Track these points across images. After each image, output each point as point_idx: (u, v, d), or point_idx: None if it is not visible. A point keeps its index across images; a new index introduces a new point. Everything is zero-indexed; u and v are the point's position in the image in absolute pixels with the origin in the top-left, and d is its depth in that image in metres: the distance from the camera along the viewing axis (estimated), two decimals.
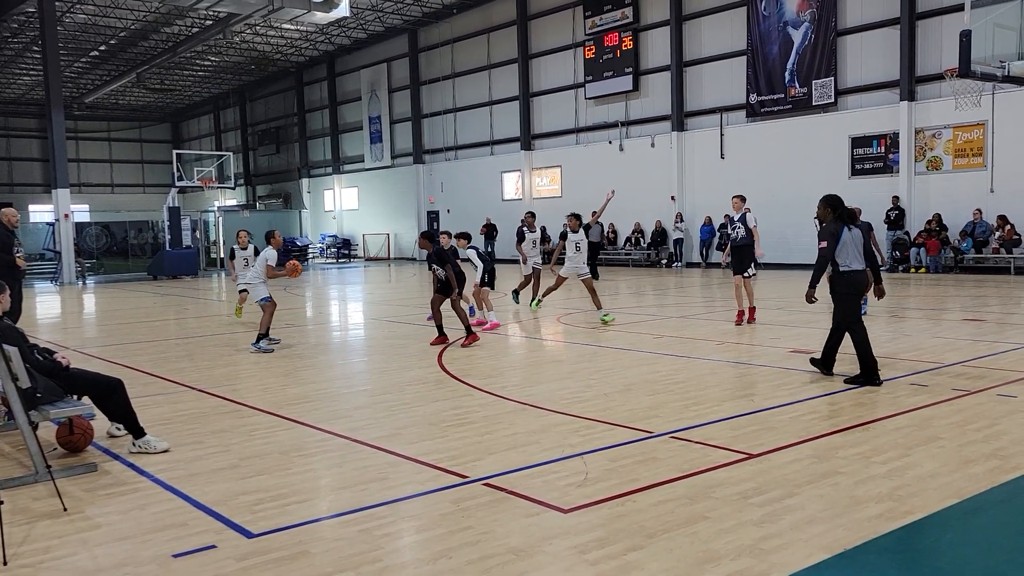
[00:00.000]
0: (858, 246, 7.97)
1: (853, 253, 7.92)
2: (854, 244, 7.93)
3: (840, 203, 8.09)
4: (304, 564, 4.02)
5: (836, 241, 7.89)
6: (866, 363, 7.80)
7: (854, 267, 7.92)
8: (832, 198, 8.16)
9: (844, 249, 7.90)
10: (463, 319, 11.18)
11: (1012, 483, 5.00)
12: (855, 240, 7.95)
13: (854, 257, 7.92)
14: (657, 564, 3.91)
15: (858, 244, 7.97)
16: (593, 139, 31.43)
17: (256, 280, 11.64)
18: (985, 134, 21.43)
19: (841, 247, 7.89)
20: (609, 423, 6.67)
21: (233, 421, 7.15)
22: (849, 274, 7.94)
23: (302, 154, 47.46)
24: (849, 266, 7.92)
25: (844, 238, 7.89)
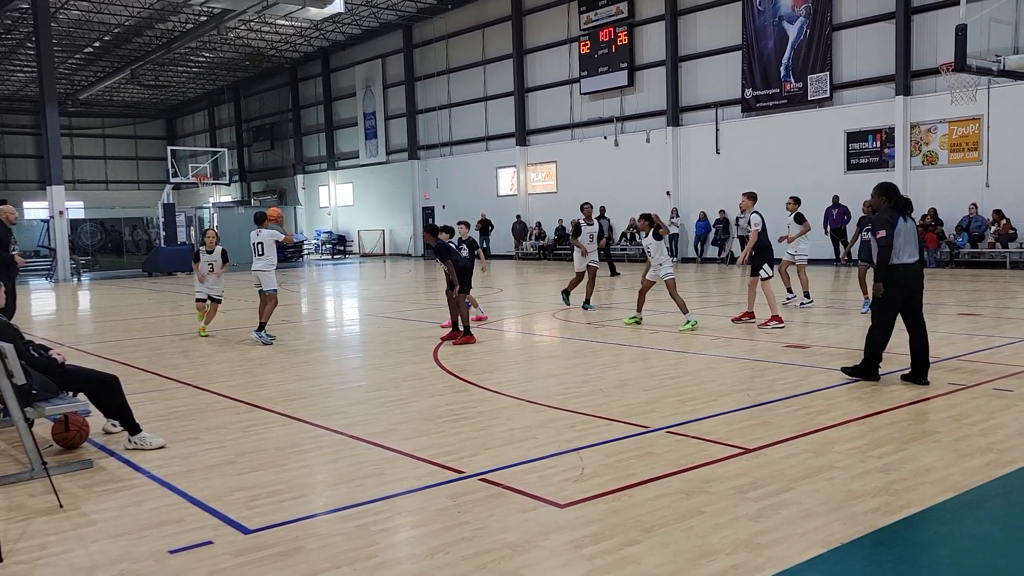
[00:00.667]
0: (913, 238, 7.49)
1: (907, 244, 7.40)
2: (908, 235, 7.44)
3: (895, 191, 7.61)
4: (300, 560, 4.01)
5: (893, 229, 7.36)
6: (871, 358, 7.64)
7: (905, 260, 7.39)
8: (887, 186, 7.68)
9: (898, 240, 7.37)
10: (462, 317, 11.01)
11: (1008, 477, 5.00)
12: (909, 232, 7.47)
13: (907, 249, 7.40)
14: (653, 559, 3.91)
15: (912, 236, 7.50)
16: (588, 134, 31.41)
17: (268, 268, 11.72)
18: (981, 128, 21.46)
19: (895, 238, 7.37)
20: (605, 418, 6.67)
21: (229, 417, 7.14)
22: (900, 268, 7.37)
23: (297, 150, 47.38)
24: (900, 259, 7.38)
25: (899, 228, 7.38)
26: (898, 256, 7.35)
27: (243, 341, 11.81)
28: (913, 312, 7.54)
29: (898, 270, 7.35)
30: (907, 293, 7.43)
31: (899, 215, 7.44)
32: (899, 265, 7.35)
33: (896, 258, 7.33)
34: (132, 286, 25.05)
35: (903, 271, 7.38)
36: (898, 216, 7.43)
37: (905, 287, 7.40)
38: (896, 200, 7.51)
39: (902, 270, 7.37)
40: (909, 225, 7.47)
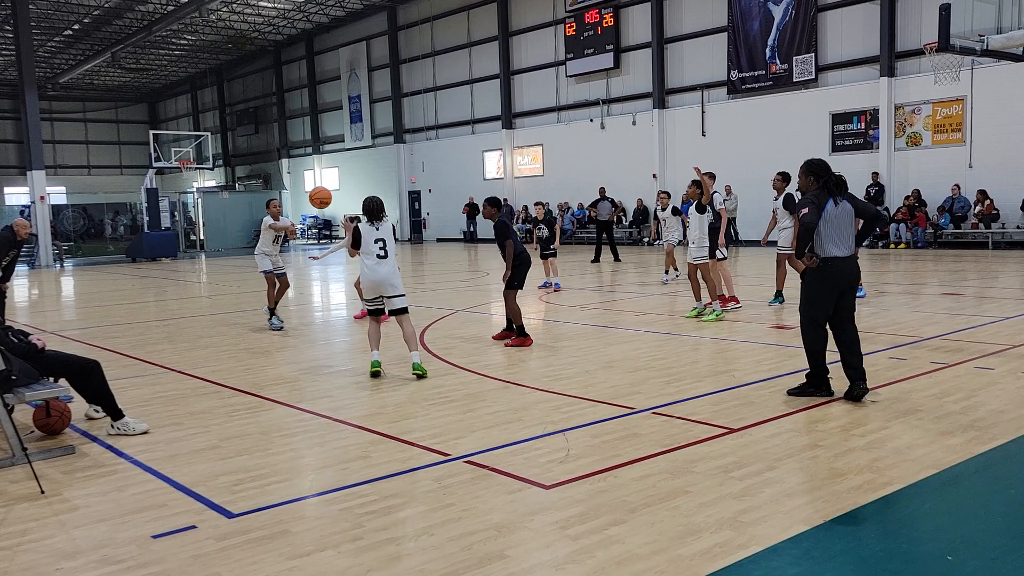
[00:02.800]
0: (844, 226, 6.29)
1: (835, 234, 6.24)
2: (838, 222, 6.25)
3: (826, 169, 6.41)
4: (284, 543, 4.01)
5: (819, 212, 6.22)
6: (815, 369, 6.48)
7: (833, 252, 6.23)
8: (814, 164, 6.48)
9: (824, 227, 6.21)
10: (514, 315, 9.44)
11: (988, 453, 5.05)
12: (841, 217, 6.26)
13: (836, 239, 6.24)
14: (639, 538, 3.93)
15: (845, 223, 6.29)
16: (574, 117, 31.31)
17: (258, 251, 11.73)
18: (964, 109, 21.53)
19: (821, 224, 6.21)
20: (591, 400, 6.68)
21: (213, 402, 7.11)
22: (828, 262, 6.24)
23: (281, 134, 47.03)
24: (826, 250, 6.23)
25: (827, 213, 6.23)
26: (823, 248, 6.23)
27: (233, 325, 11.75)
28: (846, 307, 6.39)
29: (827, 263, 6.24)
30: (837, 289, 6.30)
31: (829, 198, 6.30)
32: (826, 259, 6.24)
33: (821, 250, 6.24)
34: (115, 272, 24.87)
35: (830, 266, 6.24)
36: (828, 199, 6.29)
37: (834, 283, 6.27)
38: (826, 180, 6.37)
39: (829, 265, 6.24)
40: (841, 210, 6.29)
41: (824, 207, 6.25)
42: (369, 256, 7.86)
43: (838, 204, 6.30)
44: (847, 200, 6.36)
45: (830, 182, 6.34)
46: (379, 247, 7.86)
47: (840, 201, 6.32)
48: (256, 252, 11.83)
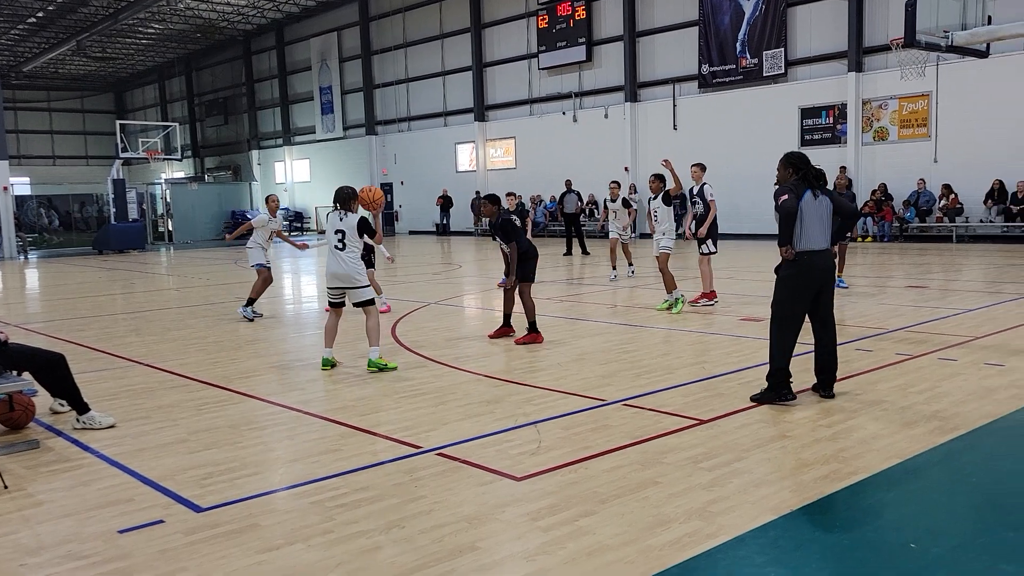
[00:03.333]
0: (822, 219, 6.14)
1: (812, 227, 6.08)
2: (816, 215, 6.12)
3: (805, 162, 6.27)
4: (254, 536, 3.98)
5: (797, 200, 6.08)
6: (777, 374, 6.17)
7: (810, 246, 6.07)
8: (794, 156, 6.35)
9: (801, 219, 6.07)
10: (528, 310, 9.04)
11: (951, 443, 5.14)
12: (819, 211, 6.13)
13: (812, 233, 6.08)
14: (609, 529, 3.95)
15: (823, 217, 6.14)
16: (547, 110, 31.33)
17: (252, 244, 11.75)
18: (929, 105, 21.84)
19: (802, 219, 6.07)
20: (563, 392, 6.71)
21: (181, 395, 7.03)
22: (805, 255, 6.08)
23: (251, 125, 46.54)
24: (802, 243, 6.08)
25: (805, 203, 6.09)
26: (800, 240, 6.09)
27: (202, 318, 11.63)
28: (824, 307, 6.24)
29: (803, 257, 6.09)
30: (815, 285, 6.15)
31: (807, 189, 6.17)
32: (804, 252, 6.09)
33: (798, 243, 6.09)
34: (81, 264, 24.49)
35: (806, 260, 6.09)
36: (806, 190, 6.16)
37: (811, 278, 6.11)
38: (805, 172, 6.23)
39: (807, 257, 6.09)
40: (820, 203, 6.17)
41: (802, 197, 6.12)
42: (329, 245, 7.76)
43: (817, 197, 6.17)
44: (826, 195, 6.24)
45: (809, 174, 6.22)
46: (337, 238, 7.69)
47: (819, 195, 6.19)
48: (249, 245, 11.81)
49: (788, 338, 6.14)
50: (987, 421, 5.55)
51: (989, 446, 5.15)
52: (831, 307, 6.29)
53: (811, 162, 6.31)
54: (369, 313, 7.87)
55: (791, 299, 6.15)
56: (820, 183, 6.25)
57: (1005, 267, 15.32)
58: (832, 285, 6.33)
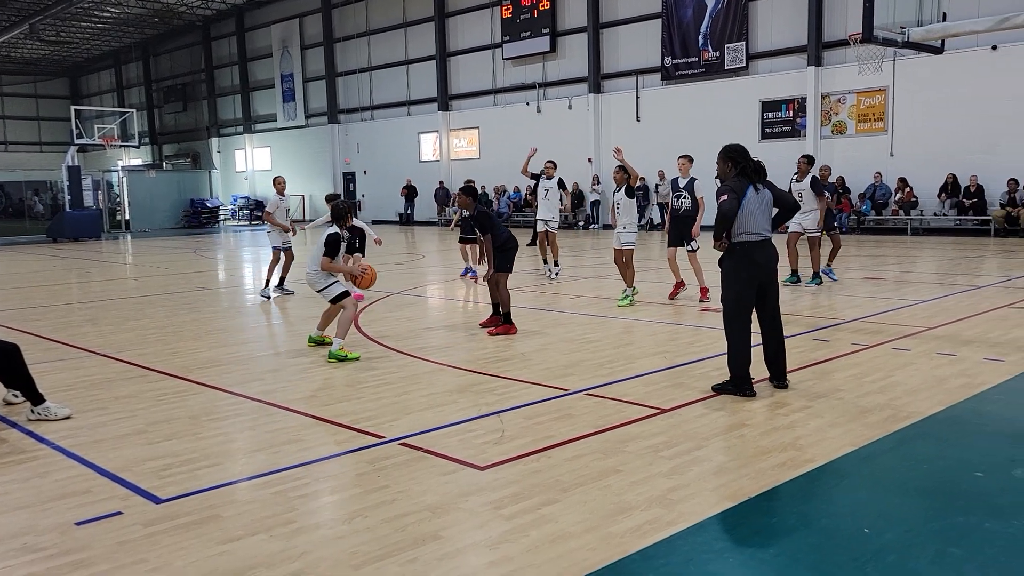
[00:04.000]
0: (762, 212, 6.17)
1: (752, 220, 6.10)
2: (757, 209, 6.13)
3: (743, 155, 6.23)
4: (214, 528, 3.95)
5: (739, 199, 6.09)
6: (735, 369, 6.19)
7: (750, 237, 6.11)
8: (732, 150, 6.28)
9: (742, 214, 6.09)
10: (503, 301, 9.05)
11: (904, 431, 5.27)
12: (760, 204, 6.16)
13: (752, 226, 6.10)
14: (571, 517, 3.99)
15: (763, 209, 6.18)
16: (511, 100, 31.30)
17: (270, 228, 12.50)
18: (886, 99, 22.23)
19: (740, 210, 6.09)
20: (526, 382, 6.74)
21: (139, 386, 6.94)
22: (746, 245, 6.12)
23: (211, 112, 45.83)
24: (743, 236, 6.12)
25: (747, 200, 6.11)
26: (740, 234, 6.13)
27: (160, 307, 11.46)
28: (768, 304, 6.26)
29: (744, 247, 6.13)
30: (757, 274, 6.16)
31: (749, 185, 6.17)
32: (743, 244, 6.13)
33: (737, 234, 6.14)
34: (35, 252, 23.95)
35: (747, 252, 6.13)
36: (748, 186, 6.16)
37: (752, 268, 6.14)
38: (744, 166, 6.22)
39: (747, 248, 6.13)
40: (761, 196, 6.19)
41: (744, 194, 6.11)
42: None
43: (758, 191, 6.19)
44: (767, 188, 6.27)
45: (748, 168, 6.20)
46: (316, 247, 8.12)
47: (760, 188, 6.21)
48: (268, 230, 12.58)
49: (741, 336, 6.14)
50: (938, 409, 5.70)
51: (940, 434, 5.29)
52: (777, 302, 6.30)
53: (750, 155, 6.28)
54: (345, 306, 7.96)
55: (735, 290, 6.18)
56: (759, 176, 6.24)
57: (957, 259, 15.68)
58: (776, 279, 6.32)
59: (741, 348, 6.15)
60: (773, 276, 6.27)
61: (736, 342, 6.16)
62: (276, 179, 12.67)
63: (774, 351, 6.33)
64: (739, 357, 6.15)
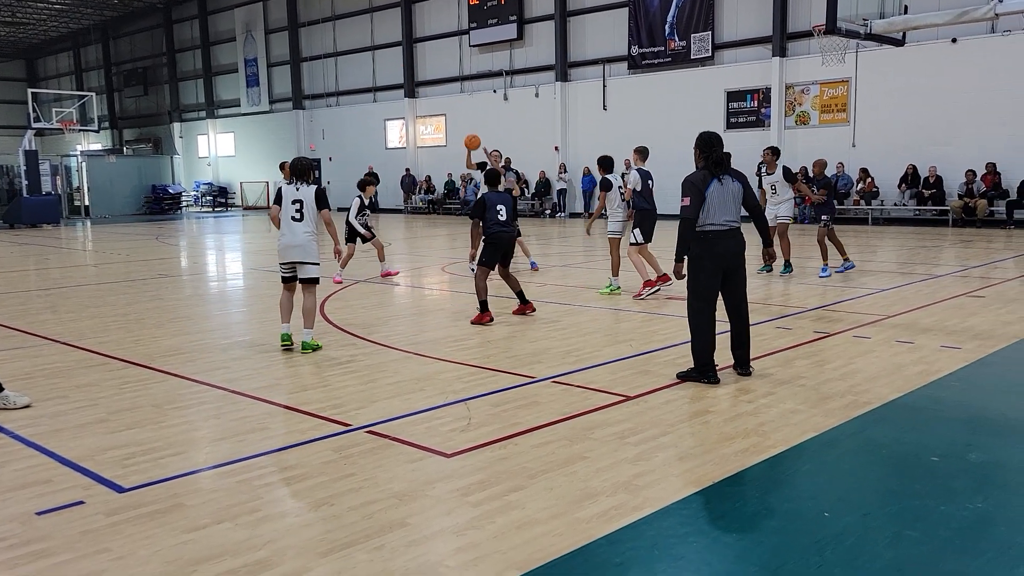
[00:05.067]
0: (728, 202, 6.18)
1: (716, 211, 6.13)
2: (721, 199, 6.15)
3: (713, 143, 6.21)
4: (179, 516, 3.92)
5: (700, 197, 6.12)
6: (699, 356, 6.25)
7: (714, 227, 6.15)
8: (702, 137, 6.30)
9: (706, 206, 6.13)
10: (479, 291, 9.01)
11: (863, 417, 5.38)
12: (725, 195, 6.17)
13: (715, 216, 6.13)
14: (537, 503, 4.02)
15: (729, 200, 6.18)
16: (478, 88, 31.20)
17: None
18: (849, 91, 22.53)
19: (705, 201, 6.13)
20: (493, 369, 6.76)
21: (101, 374, 6.84)
22: (711, 233, 6.15)
23: (172, 97, 45.06)
24: (708, 226, 6.15)
25: (710, 193, 6.13)
26: (704, 221, 6.16)
27: (122, 294, 11.29)
28: (734, 292, 6.34)
29: (709, 235, 6.16)
30: (721, 264, 6.21)
31: (713, 178, 6.19)
32: (708, 232, 6.16)
33: (702, 223, 6.17)
34: None
35: (711, 240, 6.16)
36: (712, 180, 6.18)
37: (715, 255, 6.18)
38: (708, 156, 6.22)
39: (711, 237, 6.16)
40: (727, 188, 6.19)
41: (706, 189, 6.13)
42: (286, 217, 7.56)
43: (723, 182, 6.17)
44: (738, 180, 6.27)
45: (711, 159, 6.19)
46: (295, 208, 7.51)
47: (725, 179, 6.20)
48: None
49: (705, 324, 6.19)
50: (897, 396, 5.82)
51: (898, 420, 5.40)
52: (742, 292, 6.35)
53: (719, 144, 6.23)
54: (310, 292, 7.68)
55: (700, 279, 6.21)
56: (722, 167, 6.22)
57: (916, 249, 15.98)
58: (741, 269, 6.32)
59: (704, 335, 6.20)
60: (737, 265, 6.29)
61: (699, 330, 6.21)
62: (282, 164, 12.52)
63: (739, 339, 6.41)
64: (702, 344, 6.21)
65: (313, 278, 7.65)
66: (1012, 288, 10.72)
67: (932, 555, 3.46)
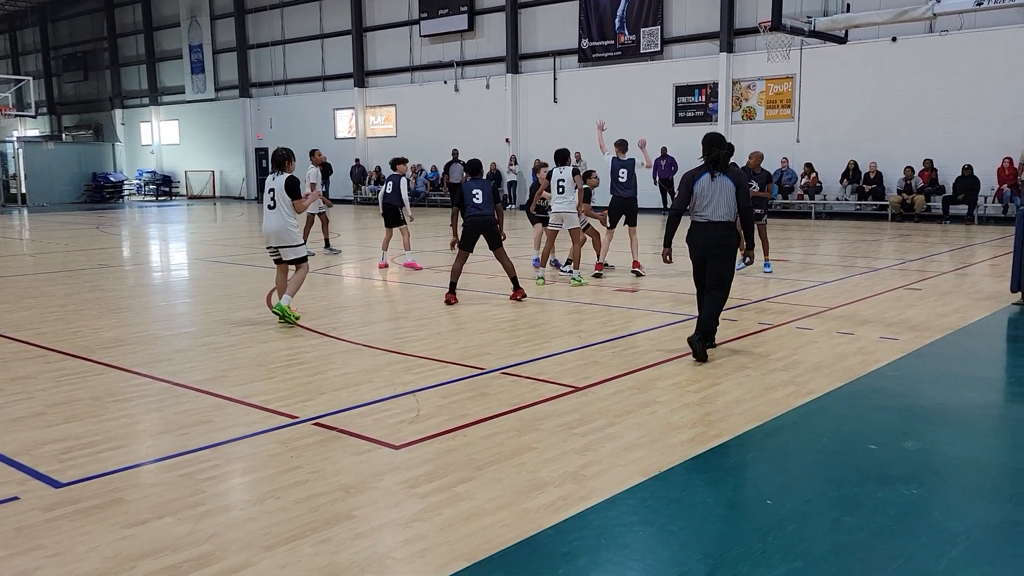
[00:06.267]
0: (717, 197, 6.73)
1: (702, 205, 6.78)
2: (710, 194, 6.76)
3: (713, 144, 6.80)
4: (118, 511, 3.83)
5: (687, 191, 6.85)
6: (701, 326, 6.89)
7: (697, 219, 6.84)
8: (707, 138, 6.91)
9: (694, 200, 6.83)
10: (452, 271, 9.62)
11: (805, 406, 5.50)
12: (714, 191, 6.74)
13: (701, 209, 6.79)
14: (485, 494, 4.03)
15: (718, 195, 6.73)
16: (428, 78, 31.00)
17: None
18: (793, 87, 22.93)
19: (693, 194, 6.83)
20: (442, 361, 6.74)
21: (38, 367, 6.64)
22: (691, 226, 6.90)
23: (114, 82, 43.83)
24: (693, 216, 6.88)
25: (698, 186, 6.78)
26: (692, 213, 6.91)
27: (60, 285, 10.97)
28: (709, 277, 6.89)
29: (691, 227, 6.91)
30: (699, 252, 6.88)
31: (705, 172, 6.81)
32: (693, 222, 6.90)
33: (692, 215, 6.92)
34: None
35: (692, 229, 6.89)
36: (704, 174, 6.80)
37: (695, 245, 6.89)
38: (707, 155, 6.81)
39: (692, 228, 6.89)
40: (718, 184, 6.76)
41: (695, 183, 6.81)
42: (263, 205, 8.34)
43: (715, 178, 6.77)
44: (731, 178, 6.76)
45: (708, 158, 6.78)
46: (269, 197, 8.18)
47: (718, 176, 6.77)
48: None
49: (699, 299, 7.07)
50: (837, 386, 5.96)
51: (838, 409, 5.53)
52: (716, 278, 6.87)
53: (719, 145, 6.79)
54: (300, 269, 8.34)
55: (692, 264, 7.06)
56: (717, 166, 6.78)
57: (857, 242, 16.37)
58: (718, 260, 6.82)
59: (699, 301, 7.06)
60: (715, 255, 6.81)
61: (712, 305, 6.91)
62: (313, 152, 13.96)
63: (705, 316, 6.88)
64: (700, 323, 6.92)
65: (298, 258, 8.33)
66: (947, 281, 11.05)
67: (870, 540, 3.56)
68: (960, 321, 8.25)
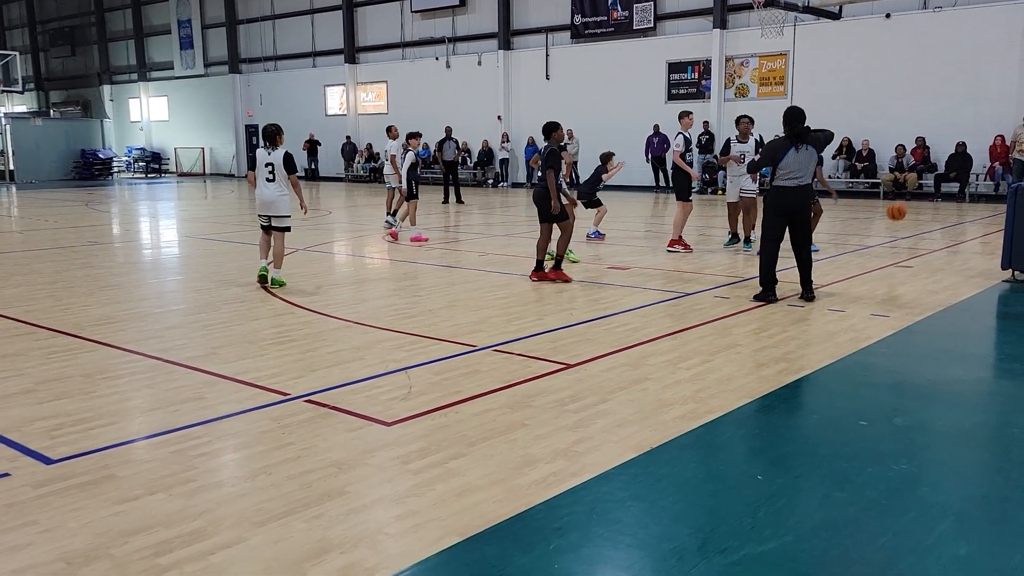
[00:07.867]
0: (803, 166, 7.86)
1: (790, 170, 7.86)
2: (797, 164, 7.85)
3: (790, 120, 7.97)
4: (110, 488, 3.83)
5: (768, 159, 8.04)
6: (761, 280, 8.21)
7: (785, 184, 7.89)
8: (787, 112, 8.07)
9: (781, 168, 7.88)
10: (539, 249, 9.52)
11: (796, 383, 5.52)
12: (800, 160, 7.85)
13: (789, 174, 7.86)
14: (477, 470, 4.03)
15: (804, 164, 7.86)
16: (420, 55, 30.75)
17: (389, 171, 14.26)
18: (787, 64, 22.84)
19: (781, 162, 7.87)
20: (434, 338, 6.73)
21: (27, 344, 6.61)
22: (778, 190, 7.95)
23: (102, 58, 43.34)
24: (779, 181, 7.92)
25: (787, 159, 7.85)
26: (777, 178, 7.94)
27: (49, 262, 10.90)
28: (798, 234, 8.05)
29: (780, 190, 7.94)
30: (788, 211, 7.94)
31: (791, 146, 7.85)
32: (779, 186, 7.93)
33: (776, 180, 7.95)
34: None
35: (781, 192, 7.93)
36: (790, 147, 7.86)
37: (783, 204, 7.94)
38: (790, 128, 7.89)
39: (781, 191, 7.94)
40: (802, 155, 7.86)
41: (782, 157, 7.86)
42: (260, 178, 8.90)
43: (799, 150, 7.87)
44: (811, 145, 7.92)
45: (792, 132, 7.85)
46: (268, 171, 8.81)
47: (802, 148, 7.87)
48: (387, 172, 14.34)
49: (768, 253, 8.06)
50: (828, 362, 5.98)
51: (829, 386, 5.56)
52: (803, 233, 8.07)
53: (800, 120, 7.88)
54: (279, 238, 9.02)
55: (769, 222, 8.07)
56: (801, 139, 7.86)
57: (849, 220, 16.38)
58: (803, 216, 8.03)
59: (766, 264, 8.09)
60: (800, 213, 7.99)
61: (764, 260, 8.10)
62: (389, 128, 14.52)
63: (802, 270, 8.14)
64: (764, 271, 8.12)
65: (283, 227, 9.07)
66: (938, 259, 11.08)
67: (859, 515, 3.58)
68: (951, 298, 8.28)
